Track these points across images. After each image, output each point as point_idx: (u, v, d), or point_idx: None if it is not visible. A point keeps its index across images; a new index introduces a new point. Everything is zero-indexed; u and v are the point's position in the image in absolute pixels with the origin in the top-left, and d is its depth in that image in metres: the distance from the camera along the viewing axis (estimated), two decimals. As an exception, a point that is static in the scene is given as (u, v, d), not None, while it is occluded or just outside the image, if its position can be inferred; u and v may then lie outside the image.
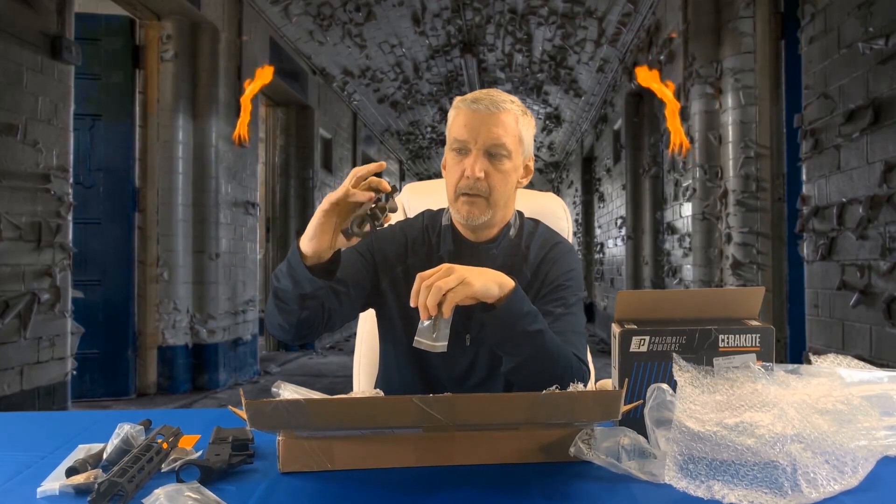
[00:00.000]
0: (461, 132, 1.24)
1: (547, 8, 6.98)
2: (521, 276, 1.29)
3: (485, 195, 1.24)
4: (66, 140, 3.77)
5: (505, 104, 1.24)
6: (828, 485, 0.77)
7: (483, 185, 1.23)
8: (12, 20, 3.37)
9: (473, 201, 1.24)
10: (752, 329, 0.96)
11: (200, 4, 5.17)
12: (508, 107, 1.24)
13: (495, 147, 1.23)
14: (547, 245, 1.34)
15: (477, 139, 1.23)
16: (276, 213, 7.73)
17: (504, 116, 1.24)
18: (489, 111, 1.23)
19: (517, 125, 1.26)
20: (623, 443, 0.86)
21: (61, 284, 3.73)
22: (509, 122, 1.24)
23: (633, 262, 7.28)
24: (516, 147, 1.26)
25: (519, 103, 1.29)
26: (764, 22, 4.42)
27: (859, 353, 2.96)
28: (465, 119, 1.24)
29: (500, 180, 1.25)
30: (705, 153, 4.75)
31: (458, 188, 1.25)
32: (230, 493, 0.81)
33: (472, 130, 1.23)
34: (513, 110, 1.25)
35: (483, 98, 1.24)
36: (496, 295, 1.10)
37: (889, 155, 2.78)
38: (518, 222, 1.37)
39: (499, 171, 1.24)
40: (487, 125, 1.23)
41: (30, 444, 1.03)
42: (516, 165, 1.28)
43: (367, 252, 1.34)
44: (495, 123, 1.23)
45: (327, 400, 0.90)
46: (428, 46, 8.32)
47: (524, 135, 1.28)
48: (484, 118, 1.23)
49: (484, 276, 1.10)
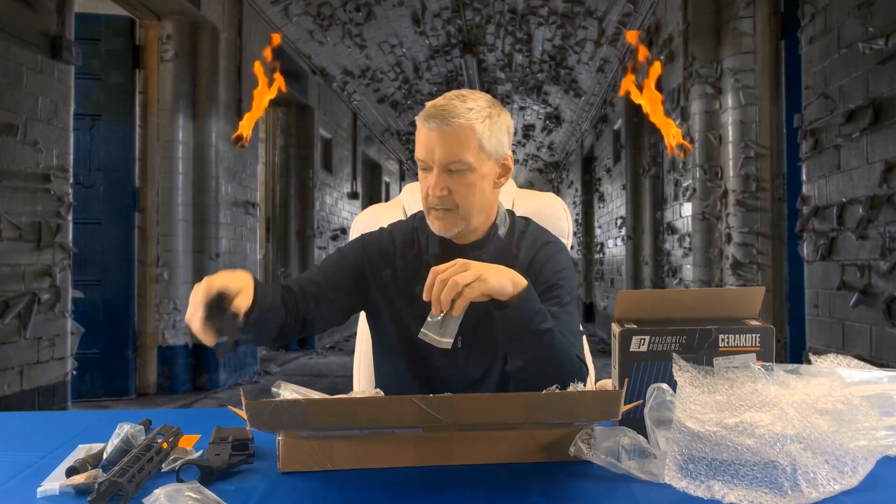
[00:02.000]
0: (419, 151, 1.22)
1: (547, 8, 6.98)
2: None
3: (452, 208, 1.23)
4: (66, 140, 3.77)
5: (459, 117, 1.18)
6: (828, 485, 0.77)
7: (449, 200, 1.22)
8: (12, 20, 3.37)
9: (443, 216, 1.23)
10: (752, 329, 0.96)
11: (200, 4, 5.17)
12: (464, 120, 1.18)
13: (453, 164, 1.19)
14: (538, 244, 1.33)
15: (434, 158, 1.20)
16: (276, 213, 7.73)
17: (459, 131, 1.18)
18: (441, 129, 1.18)
19: (475, 135, 1.19)
20: (623, 442, 0.86)
21: (61, 284, 3.73)
22: (465, 135, 1.19)
23: (633, 262, 7.28)
24: (478, 157, 1.20)
25: (482, 105, 1.22)
26: (764, 22, 4.42)
27: (859, 353, 2.96)
28: (422, 137, 1.21)
29: (465, 193, 1.22)
30: (705, 153, 4.75)
31: (427, 203, 1.25)
32: (230, 493, 0.81)
33: (429, 150, 1.20)
34: (470, 120, 1.19)
35: (436, 114, 1.19)
36: (510, 293, 1.09)
37: (889, 155, 2.78)
38: (508, 221, 1.35)
39: (462, 184, 1.21)
40: (442, 143, 1.19)
41: (30, 444, 1.03)
42: (483, 173, 1.23)
43: (354, 256, 1.34)
44: (450, 140, 1.18)
45: (327, 400, 0.90)
46: (428, 46, 8.32)
47: (487, 142, 1.21)
48: (438, 136, 1.19)
49: (499, 273, 1.09)
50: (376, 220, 1.52)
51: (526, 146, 14.35)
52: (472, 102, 1.20)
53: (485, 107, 1.22)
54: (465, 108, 1.19)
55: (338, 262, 1.33)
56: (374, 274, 1.32)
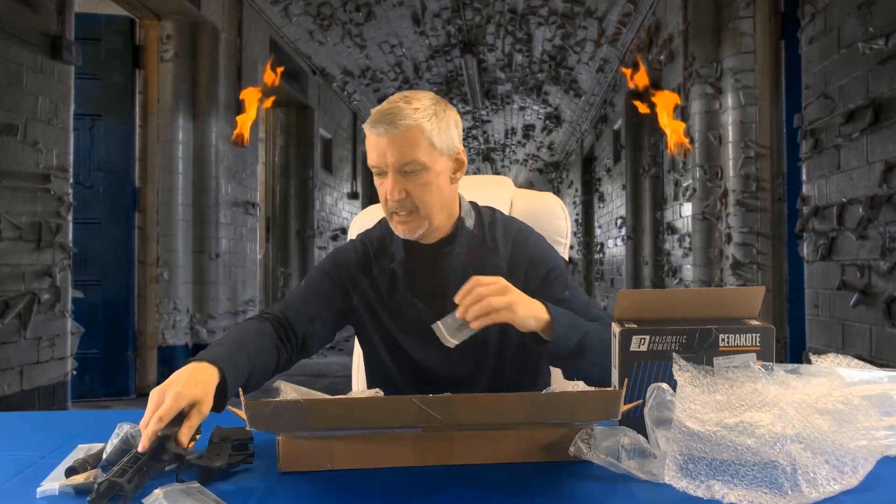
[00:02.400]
0: (371, 157, 1.22)
1: (547, 8, 6.98)
2: (495, 267, 1.30)
3: (413, 210, 1.24)
4: (66, 140, 3.77)
5: (406, 118, 1.18)
6: (828, 485, 0.77)
7: (408, 202, 1.22)
8: (12, 20, 3.37)
9: (405, 219, 1.24)
10: (752, 329, 0.96)
11: (200, 4, 5.17)
12: (411, 120, 1.18)
13: (406, 166, 1.20)
14: (511, 231, 1.35)
15: (387, 161, 1.20)
16: (276, 213, 7.72)
17: (407, 132, 1.18)
18: (388, 132, 1.18)
19: (424, 133, 1.20)
20: (623, 442, 0.86)
21: (61, 284, 3.73)
22: (413, 135, 1.19)
23: (633, 262, 7.28)
24: (430, 155, 1.21)
25: (427, 104, 1.22)
26: (764, 22, 4.42)
27: (859, 353, 2.96)
28: (372, 143, 1.21)
29: (422, 192, 1.22)
30: (705, 153, 4.75)
31: (388, 208, 1.26)
32: (230, 493, 0.81)
33: (380, 154, 1.20)
34: (417, 120, 1.19)
35: (383, 118, 1.19)
36: (531, 327, 1.11)
37: (889, 155, 2.78)
38: (474, 213, 1.36)
39: (418, 184, 1.21)
40: (392, 146, 1.19)
41: (30, 444, 1.03)
42: (438, 170, 1.23)
43: (334, 270, 1.35)
44: (399, 143, 1.19)
45: (327, 400, 0.90)
46: (428, 46, 8.32)
47: (437, 138, 1.21)
48: (387, 140, 1.19)
49: (528, 308, 1.11)
50: (375, 221, 1.53)
51: (526, 146, 14.35)
52: (416, 103, 1.21)
53: (430, 105, 1.22)
54: (411, 109, 1.19)
55: (321, 279, 1.35)
56: (354, 287, 1.34)
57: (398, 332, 1.33)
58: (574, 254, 12.11)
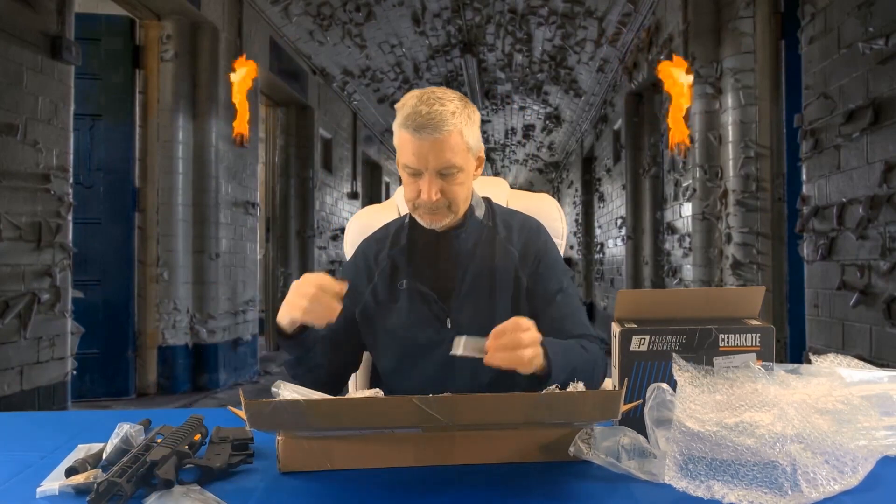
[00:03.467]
0: (408, 158, 1.24)
1: (547, 8, 6.98)
2: (507, 253, 1.35)
3: (445, 206, 1.28)
4: (66, 140, 3.77)
5: (447, 124, 1.20)
6: (828, 485, 0.77)
7: (442, 201, 1.26)
8: (12, 20, 3.37)
9: (434, 212, 1.28)
10: (752, 329, 0.96)
11: (200, 4, 5.17)
12: (451, 125, 1.21)
13: (447, 169, 1.24)
14: (527, 225, 1.40)
15: (428, 165, 1.23)
16: (276, 213, 7.72)
17: (450, 138, 1.21)
18: (434, 137, 1.20)
19: (463, 138, 1.24)
20: (623, 442, 0.86)
21: (61, 284, 3.73)
22: (455, 140, 1.22)
23: (633, 262, 7.28)
24: (466, 158, 1.27)
25: (459, 105, 1.25)
26: (764, 22, 4.42)
27: (859, 353, 2.96)
28: (411, 145, 1.23)
29: (456, 191, 1.27)
30: (705, 153, 4.75)
31: (417, 204, 1.29)
32: (230, 493, 0.81)
33: (422, 158, 1.23)
34: (457, 126, 1.22)
35: (426, 124, 1.20)
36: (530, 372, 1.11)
37: (889, 155, 2.78)
38: (485, 205, 1.42)
39: (454, 185, 1.26)
40: (435, 151, 1.21)
41: (30, 444, 1.03)
42: (469, 171, 1.29)
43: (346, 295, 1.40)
44: (443, 148, 1.21)
45: (327, 400, 0.90)
46: (428, 46, 8.32)
47: (471, 140, 1.26)
48: (431, 145, 1.21)
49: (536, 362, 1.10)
50: (371, 222, 1.57)
51: (526, 146, 14.35)
52: (450, 105, 1.23)
53: (462, 108, 1.25)
54: (450, 114, 1.22)
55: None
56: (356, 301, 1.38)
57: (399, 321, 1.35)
58: (574, 254, 12.11)
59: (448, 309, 1.32)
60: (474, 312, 1.31)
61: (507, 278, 1.34)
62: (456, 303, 1.32)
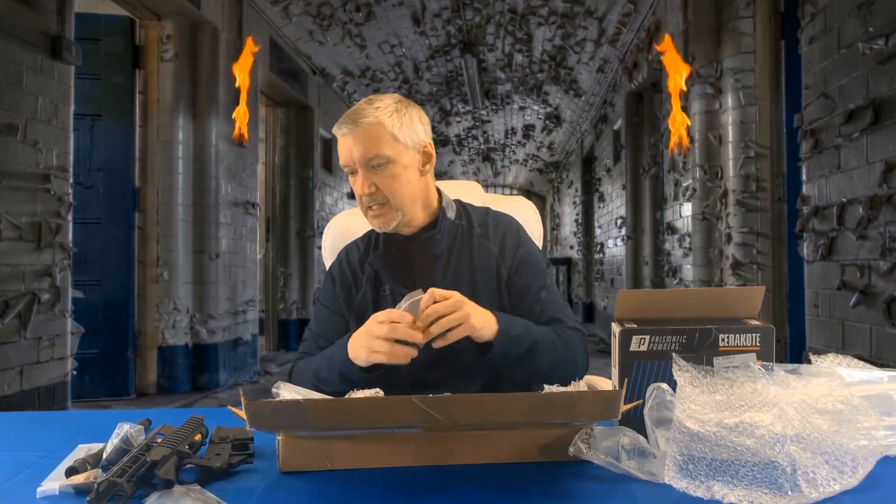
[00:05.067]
0: (341, 157, 1.31)
1: (547, 8, 6.98)
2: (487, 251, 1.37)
3: (385, 202, 1.30)
4: (66, 140, 3.77)
5: (367, 116, 1.26)
6: (827, 485, 0.77)
7: (379, 195, 1.29)
8: (12, 20, 3.37)
9: (379, 213, 1.31)
10: (752, 329, 0.96)
11: (200, 4, 5.17)
12: (371, 118, 1.27)
13: (373, 160, 1.27)
14: (503, 223, 1.42)
15: (355, 160, 1.28)
16: (276, 213, 7.72)
17: (370, 129, 1.27)
18: (353, 131, 1.27)
19: (386, 129, 1.27)
20: (623, 442, 0.86)
21: (61, 284, 3.73)
22: (376, 131, 1.27)
23: (633, 262, 7.28)
24: (394, 148, 1.29)
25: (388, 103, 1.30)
26: (764, 22, 4.42)
27: (859, 353, 2.96)
28: (340, 145, 1.30)
29: (391, 184, 1.29)
30: (705, 153, 4.75)
31: (363, 204, 1.32)
32: (230, 493, 0.81)
33: (348, 153, 1.29)
34: (378, 117, 1.27)
35: (346, 120, 1.28)
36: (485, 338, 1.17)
37: (889, 155, 2.78)
38: (456, 206, 1.43)
39: (386, 177, 1.29)
40: (357, 144, 1.27)
41: (30, 444, 1.03)
42: (406, 163, 1.31)
43: (335, 302, 1.41)
44: (363, 139, 1.27)
45: (327, 400, 0.90)
46: (428, 46, 8.32)
47: (399, 132, 1.29)
48: (353, 139, 1.27)
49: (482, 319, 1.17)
50: (349, 225, 1.59)
51: (526, 146, 14.35)
52: (378, 102, 1.30)
53: (391, 103, 1.31)
54: (373, 108, 1.28)
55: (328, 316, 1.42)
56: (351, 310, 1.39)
57: None
58: (574, 254, 12.11)
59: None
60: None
61: (489, 275, 1.36)
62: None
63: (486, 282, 1.35)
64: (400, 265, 1.37)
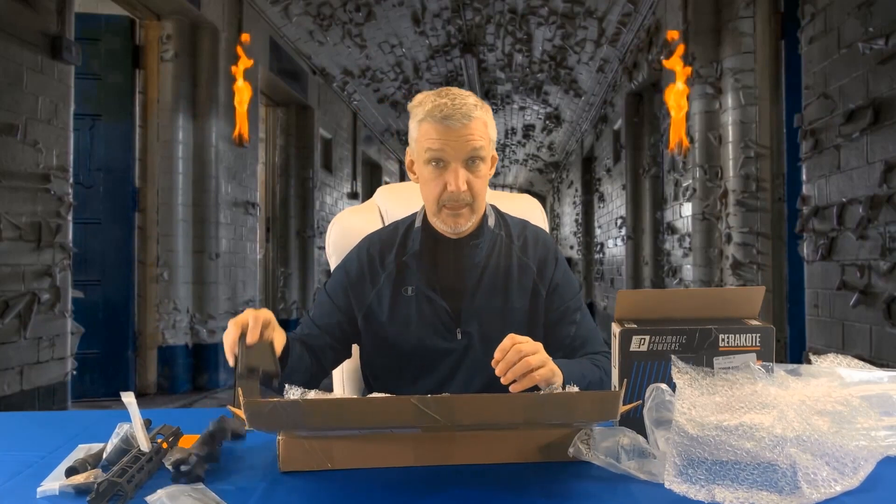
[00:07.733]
0: (435, 144, 1.23)
1: (547, 8, 6.98)
2: (525, 267, 1.33)
3: (469, 203, 1.25)
4: (66, 140, 3.77)
5: (474, 112, 1.23)
6: (828, 486, 0.77)
7: (467, 195, 1.24)
8: (12, 20, 3.37)
9: (459, 213, 1.26)
10: (752, 329, 0.96)
11: (200, 4, 5.17)
12: (477, 113, 1.23)
13: (474, 154, 1.24)
14: (540, 239, 1.39)
15: (456, 153, 1.22)
16: (276, 213, 7.72)
17: (477, 125, 1.23)
18: (463, 124, 1.21)
19: (487, 128, 1.26)
20: (622, 443, 0.86)
21: (61, 284, 3.73)
22: (481, 129, 1.24)
23: (633, 262, 7.28)
24: (488, 149, 1.27)
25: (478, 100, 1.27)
26: (764, 22, 4.42)
27: (859, 353, 2.95)
28: (438, 134, 1.22)
29: (480, 186, 1.26)
30: (705, 153, 4.75)
31: (442, 201, 1.25)
32: (230, 493, 0.81)
33: (450, 145, 1.22)
34: (481, 115, 1.24)
35: (453, 113, 1.21)
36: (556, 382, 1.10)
37: (889, 155, 2.78)
38: (494, 214, 1.40)
39: (478, 177, 1.26)
40: (464, 138, 1.22)
41: (30, 444, 1.03)
42: (489, 164, 1.29)
43: (340, 294, 1.36)
44: (470, 136, 1.22)
45: (326, 400, 0.90)
46: (428, 46, 8.32)
47: (492, 132, 1.28)
48: (459, 132, 1.22)
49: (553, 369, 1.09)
50: (352, 224, 1.56)
51: (526, 146, 14.35)
52: (470, 99, 1.25)
53: (482, 103, 1.28)
54: (473, 105, 1.23)
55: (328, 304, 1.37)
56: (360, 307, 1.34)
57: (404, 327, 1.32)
58: (574, 254, 12.11)
59: (458, 319, 1.30)
60: (486, 324, 1.29)
61: (524, 292, 1.32)
62: (467, 313, 1.30)
63: (521, 298, 1.31)
64: (434, 268, 1.32)
